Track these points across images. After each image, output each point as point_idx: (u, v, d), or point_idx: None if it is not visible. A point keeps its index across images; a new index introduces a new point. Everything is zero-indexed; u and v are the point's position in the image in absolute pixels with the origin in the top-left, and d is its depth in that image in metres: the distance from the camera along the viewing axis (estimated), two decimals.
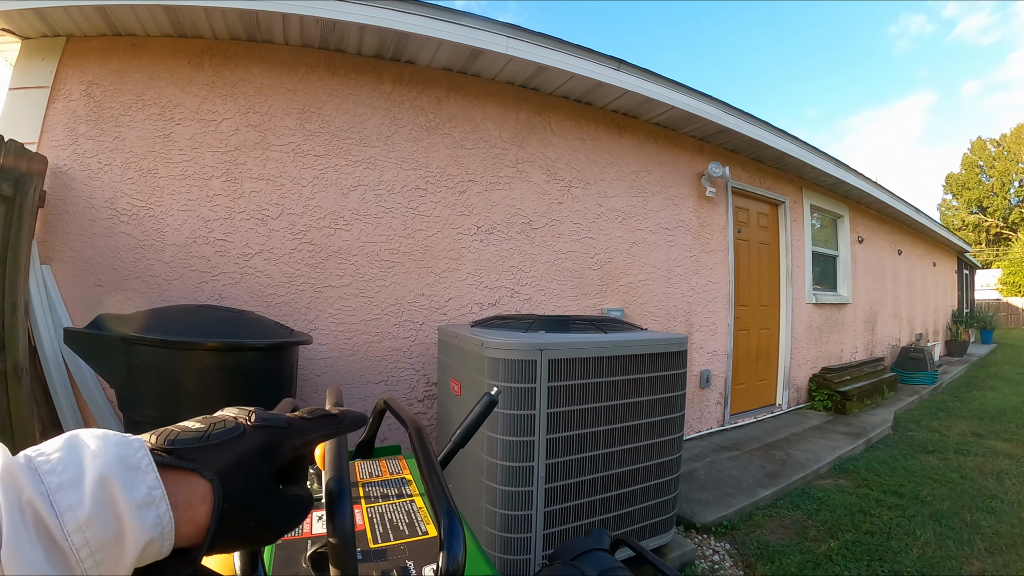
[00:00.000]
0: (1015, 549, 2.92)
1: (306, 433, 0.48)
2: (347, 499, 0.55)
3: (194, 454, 0.39)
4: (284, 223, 3.05)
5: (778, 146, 5.19)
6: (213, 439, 0.40)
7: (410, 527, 0.78)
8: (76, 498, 0.31)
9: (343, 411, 0.54)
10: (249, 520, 0.41)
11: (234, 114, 3.00)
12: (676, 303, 4.74)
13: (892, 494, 3.68)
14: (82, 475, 0.32)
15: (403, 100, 3.39)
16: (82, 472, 0.32)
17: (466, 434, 1.01)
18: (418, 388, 3.36)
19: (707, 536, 3.03)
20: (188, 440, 0.39)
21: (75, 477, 0.32)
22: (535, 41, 3.39)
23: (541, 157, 3.92)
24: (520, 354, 2.05)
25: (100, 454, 0.34)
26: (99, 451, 0.34)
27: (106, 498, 0.32)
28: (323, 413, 0.51)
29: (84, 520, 0.31)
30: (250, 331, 2.23)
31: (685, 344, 2.54)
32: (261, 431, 0.44)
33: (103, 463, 0.33)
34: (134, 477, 0.34)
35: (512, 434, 2.04)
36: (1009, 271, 30.27)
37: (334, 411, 0.53)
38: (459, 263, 3.53)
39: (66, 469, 0.32)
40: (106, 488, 0.32)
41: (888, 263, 8.97)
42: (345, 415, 0.53)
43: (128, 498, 0.33)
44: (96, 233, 2.77)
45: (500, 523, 2.06)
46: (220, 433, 0.41)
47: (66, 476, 0.32)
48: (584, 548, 1.07)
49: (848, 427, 5.30)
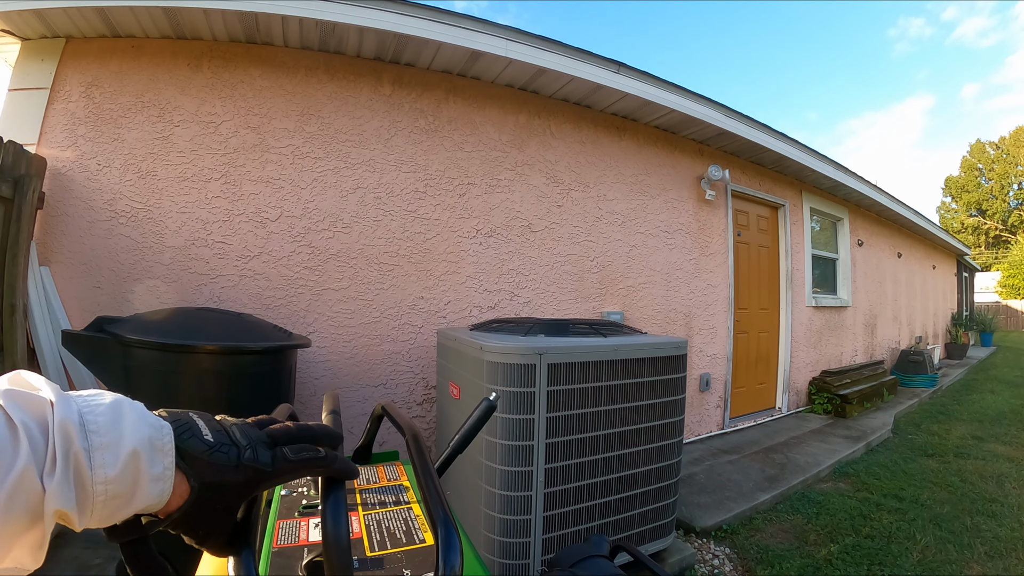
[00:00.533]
0: (1015, 553, 2.91)
1: (286, 475, 0.52)
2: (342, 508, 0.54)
3: (192, 459, 0.46)
4: (283, 225, 3.04)
5: (778, 149, 5.19)
6: (214, 459, 0.47)
7: (407, 535, 0.77)
8: (110, 460, 0.39)
9: (332, 456, 0.55)
10: (199, 527, 0.48)
11: (233, 116, 3.00)
12: (676, 306, 4.73)
13: (892, 498, 3.67)
14: (119, 442, 0.40)
15: (402, 103, 3.39)
16: (119, 440, 0.40)
17: (465, 440, 1.01)
18: (417, 391, 3.35)
19: (707, 540, 3.02)
20: (194, 446, 0.46)
21: (113, 442, 0.40)
22: (535, 44, 3.39)
23: (541, 160, 3.92)
24: (519, 358, 2.04)
25: (137, 430, 0.42)
26: (136, 426, 0.42)
27: (132, 466, 0.40)
28: (307, 456, 0.53)
29: (111, 478, 0.39)
30: (249, 334, 2.22)
31: (685, 348, 2.54)
32: (249, 469, 0.49)
33: (138, 439, 0.41)
34: (156, 456, 0.42)
35: (511, 438, 2.04)
36: (1008, 274, 30.28)
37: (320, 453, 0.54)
38: (458, 266, 3.52)
39: (108, 434, 0.40)
40: (135, 459, 0.40)
41: (888, 266, 8.97)
42: (335, 461, 0.55)
43: (148, 471, 0.41)
44: (95, 235, 2.76)
45: (499, 528, 2.05)
46: (220, 456, 0.47)
47: (107, 439, 0.40)
48: (583, 554, 1.07)
49: (848, 430, 5.29)
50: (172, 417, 0.47)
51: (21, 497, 0.35)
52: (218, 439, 0.48)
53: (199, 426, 0.48)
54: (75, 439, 0.38)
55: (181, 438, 0.45)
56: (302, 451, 0.53)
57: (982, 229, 42.88)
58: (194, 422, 0.48)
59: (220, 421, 0.52)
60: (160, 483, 0.42)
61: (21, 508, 0.35)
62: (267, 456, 0.50)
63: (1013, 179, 40.94)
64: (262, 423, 0.55)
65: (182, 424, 0.47)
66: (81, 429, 0.38)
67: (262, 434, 0.52)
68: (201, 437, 0.47)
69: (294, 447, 0.53)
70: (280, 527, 0.79)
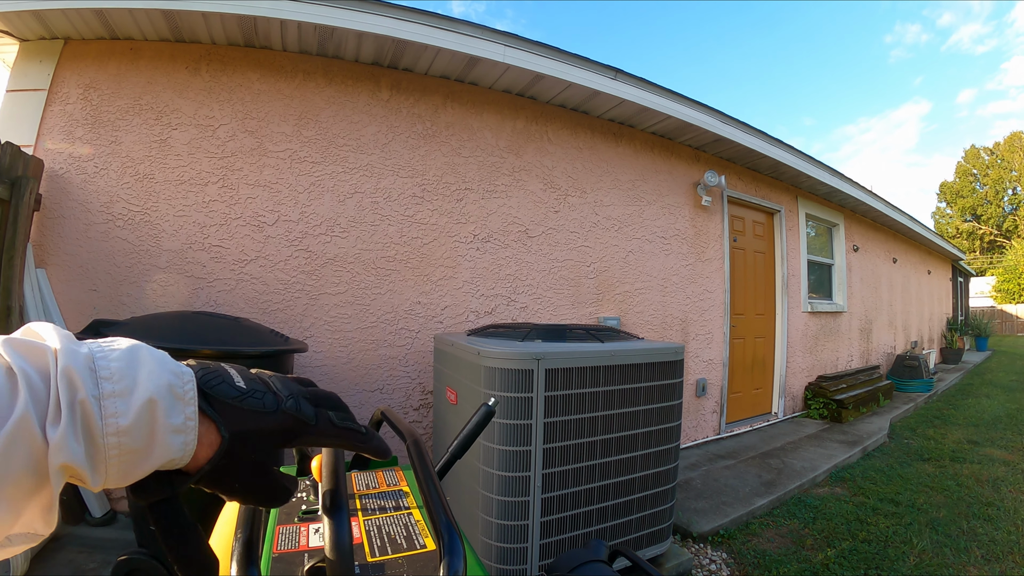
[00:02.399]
0: (1012, 556, 2.92)
1: (327, 437, 0.49)
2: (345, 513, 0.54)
3: (222, 406, 0.42)
4: (280, 230, 3.04)
5: (774, 155, 5.22)
6: (246, 404, 0.43)
7: (408, 540, 0.76)
8: (122, 408, 0.35)
9: (372, 433, 0.54)
10: (234, 482, 0.44)
11: (231, 120, 3.00)
12: (672, 312, 4.74)
13: (888, 502, 3.68)
14: (133, 389, 0.36)
15: (400, 108, 3.40)
16: (133, 387, 0.36)
17: (463, 445, 1.01)
18: (414, 396, 3.34)
19: (704, 545, 3.02)
20: (224, 392, 0.43)
21: (126, 389, 0.36)
22: (532, 50, 3.40)
23: (538, 166, 3.93)
24: (517, 363, 2.04)
25: (154, 376, 0.38)
26: (154, 373, 0.38)
27: (147, 416, 0.36)
28: (351, 426, 0.52)
29: (123, 428, 0.35)
30: (245, 338, 2.22)
31: (682, 353, 2.54)
32: (288, 417, 0.45)
33: (155, 386, 0.37)
34: (176, 405, 0.38)
35: (508, 444, 2.03)
36: (1003, 279, 30.46)
37: (362, 428, 0.53)
38: (455, 271, 3.52)
39: (121, 380, 0.36)
40: (151, 408, 0.37)
41: (883, 271, 9.01)
42: (372, 438, 0.53)
43: (166, 422, 0.37)
44: (92, 238, 2.76)
45: (496, 533, 2.04)
46: (254, 402, 0.44)
47: (119, 387, 0.36)
48: (582, 559, 1.07)
49: (844, 435, 5.30)
50: (200, 366, 0.44)
51: (21, 449, 0.31)
52: (252, 386, 0.45)
53: (231, 374, 0.45)
54: (81, 386, 0.34)
55: (208, 384, 0.42)
56: (346, 419, 0.51)
57: (977, 234, 43.17)
58: (225, 370, 0.45)
59: (257, 373, 0.49)
60: (181, 435, 0.38)
61: (22, 463, 0.31)
62: (310, 410, 0.47)
63: (1008, 184, 41.26)
64: (305, 382, 0.53)
65: (210, 371, 0.44)
66: (91, 375, 0.35)
67: (306, 391, 0.50)
68: (232, 383, 0.44)
69: (338, 414, 0.51)
70: (280, 532, 0.78)
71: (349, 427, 0.51)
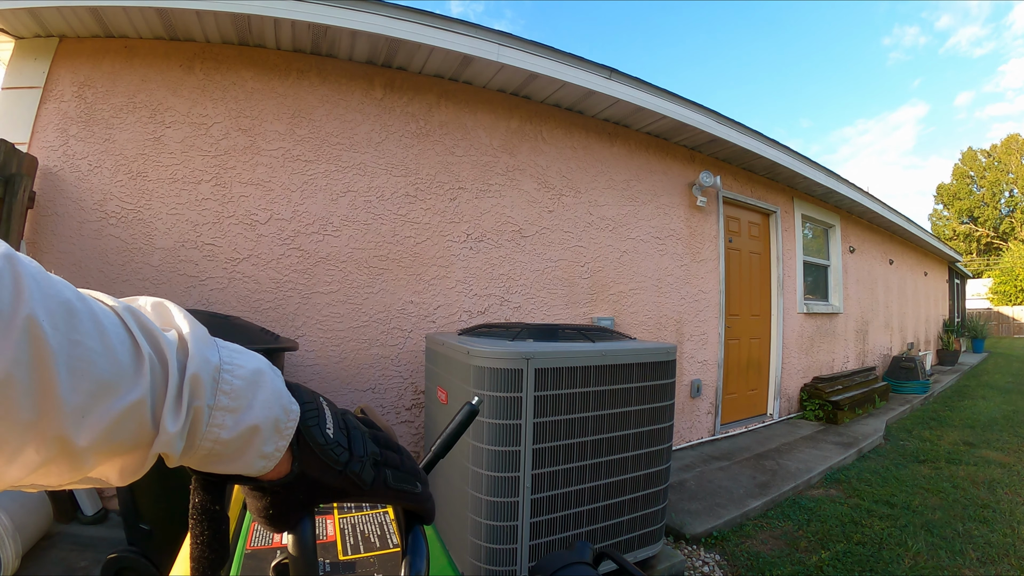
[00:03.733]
0: (1007, 559, 2.91)
1: (376, 498, 0.51)
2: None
3: (306, 448, 0.44)
4: (273, 228, 3.03)
5: (769, 156, 5.22)
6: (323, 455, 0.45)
7: (381, 539, 0.76)
8: (229, 423, 0.38)
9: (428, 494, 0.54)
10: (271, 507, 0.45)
11: (224, 118, 2.99)
12: (666, 312, 4.73)
13: (884, 504, 3.67)
14: (245, 411, 0.39)
15: (394, 106, 3.39)
16: (248, 410, 0.39)
17: (446, 444, 1.00)
18: (405, 396, 3.33)
19: (697, 547, 3.01)
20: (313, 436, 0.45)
21: (239, 408, 0.39)
22: (527, 49, 3.40)
23: (532, 165, 3.93)
24: (506, 363, 2.03)
25: (267, 407, 0.40)
26: (268, 403, 0.40)
27: (247, 438, 0.39)
28: (405, 488, 0.52)
29: (222, 440, 0.38)
30: (234, 337, 2.20)
31: (674, 354, 2.54)
32: (348, 480, 0.47)
33: (264, 416, 0.40)
34: (273, 437, 0.41)
35: (497, 444, 2.03)
36: (1000, 281, 30.51)
37: (416, 488, 0.53)
38: (448, 271, 3.52)
39: (237, 399, 0.39)
40: (252, 433, 0.39)
41: (879, 273, 9.02)
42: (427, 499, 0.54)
43: (259, 448, 0.40)
44: (85, 235, 2.75)
45: (485, 534, 2.04)
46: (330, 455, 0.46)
47: (234, 404, 0.38)
48: (566, 561, 1.06)
49: (839, 437, 5.29)
50: (304, 398, 0.46)
51: (130, 427, 0.33)
52: (336, 439, 0.47)
53: (326, 417, 0.47)
54: (202, 395, 0.37)
55: (305, 423, 0.44)
56: (402, 481, 0.52)
57: (973, 236, 43.27)
58: (323, 411, 0.47)
59: (344, 417, 0.51)
60: (266, 460, 0.41)
61: (127, 437, 0.33)
62: (370, 476, 0.49)
63: (1004, 187, 41.39)
64: (377, 439, 0.53)
65: (311, 410, 0.46)
66: (213, 385, 0.38)
67: (376, 451, 0.51)
68: (323, 430, 0.46)
69: (396, 473, 0.52)
70: (255, 529, 0.78)
71: (402, 490, 0.52)
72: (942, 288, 14.26)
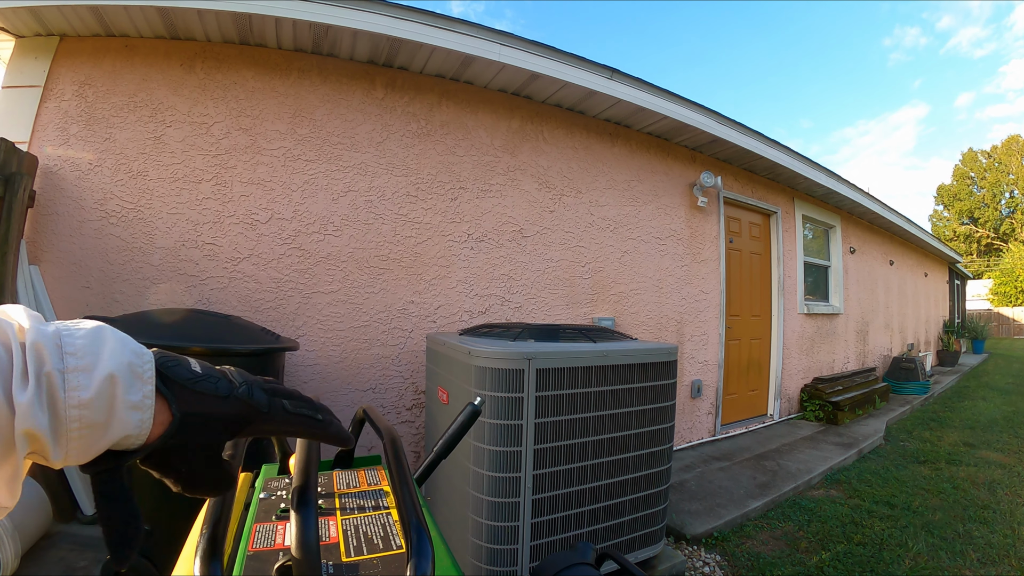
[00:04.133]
0: (1008, 559, 2.91)
1: (280, 424, 0.50)
2: (312, 511, 0.53)
3: (177, 387, 0.44)
4: (273, 228, 3.03)
5: (770, 156, 5.21)
6: (199, 387, 0.45)
7: (384, 541, 0.75)
8: (84, 382, 0.37)
9: (330, 420, 0.53)
10: (180, 465, 0.45)
11: (225, 117, 2.99)
12: (667, 313, 4.73)
13: (884, 505, 3.67)
14: (95, 365, 0.38)
15: (395, 106, 3.39)
16: (96, 363, 0.38)
17: (449, 444, 1.00)
18: (406, 396, 3.33)
19: (697, 548, 3.01)
20: (179, 373, 0.44)
21: (89, 365, 0.38)
22: (528, 49, 3.39)
23: (533, 165, 3.92)
24: (507, 363, 2.03)
25: (116, 354, 0.40)
26: (116, 351, 0.40)
27: (108, 391, 0.38)
28: (307, 412, 0.52)
29: (85, 401, 0.37)
30: (235, 336, 2.20)
31: (675, 354, 2.53)
32: (240, 402, 0.47)
33: (116, 363, 0.39)
34: (135, 383, 0.40)
35: (499, 444, 2.02)
36: (1000, 281, 30.54)
37: (318, 415, 0.52)
38: (449, 271, 3.51)
39: (84, 356, 0.38)
40: (111, 384, 0.38)
41: (880, 273, 9.01)
42: (328, 425, 0.53)
43: (125, 398, 0.39)
44: (85, 234, 2.75)
45: (486, 534, 2.03)
46: (207, 385, 0.45)
47: (82, 362, 0.38)
48: (568, 562, 1.05)
49: (840, 437, 5.29)
50: (160, 352, 0.45)
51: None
52: (207, 371, 0.47)
53: (189, 361, 0.47)
54: (48, 359, 0.36)
55: (165, 366, 0.44)
56: (301, 407, 0.51)
57: (974, 237, 43.29)
58: (185, 359, 0.47)
59: (220, 368, 0.50)
60: (139, 412, 0.40)
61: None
62: (263, 397, 0.48)
63: (1005, 188, 41.40)
64: (266, 378, 0.53)
65: (169, 356, 0.45)
66: (56, 350, 0.37)
67: (261, 381, 0.51)
68: (188, 367, 0.45)
69: (293, 402, 0.51)
70: (257, 530, 0.77)
71: (303, 413, 0.51)
72: (942, 289, 14.26)
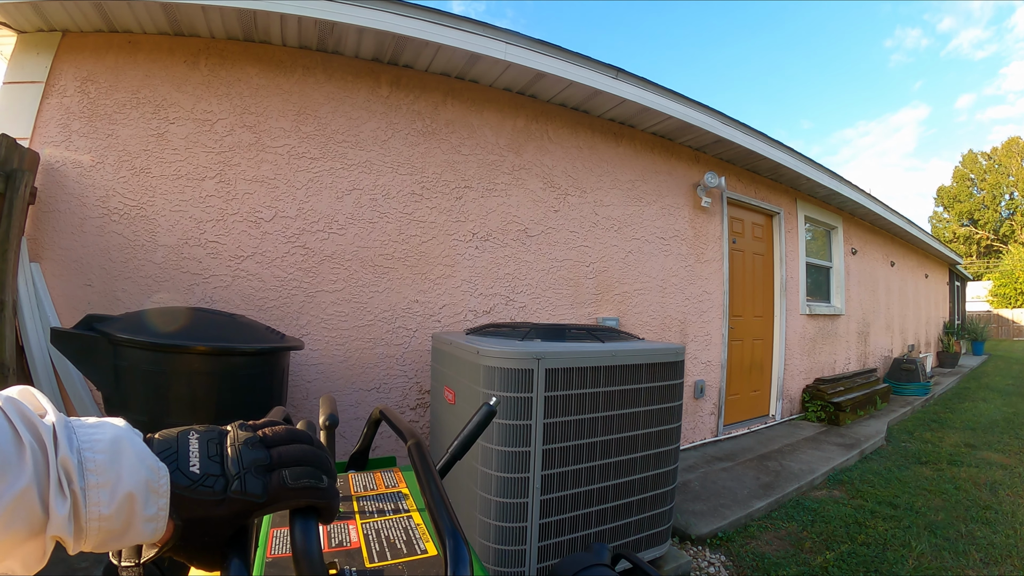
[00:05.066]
0: (1010, 560, 2.92)
1: (283, 503, 0.50)
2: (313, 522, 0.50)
3: (176, 497, 0.44)
4: (277, 226, 3.01)
5: (773, 157, 5.20)
6: (196, 495, 0.45)
7: (408, 545, 0.74)
8: (106, 499, 0.40)
9: (333, 490, 0.52)
10: (189, 557, 0.48)
11: (229, 114, 2.97)
12: (671, 313, 4.72)
13: (887, 505, 3.67)
14: (116, 484, 0.40)
15: (400, 104, 3.37)
16: (117, 481, 0.40)
17: (464, 445, 0.98)
18: (411, 396, 3.32)
19: (702, 548, 3.00)
20: (178, 482, 0.45)
21: (110, 482, 0.40)
22: (534, 48, 3.38)
23: (538, 164, 3.91)
24: (517, 363, 2.02)
25: (134, 472, 0.41)
26: (134, 468, 0.41)
27: (126, 507, 0.40)
28: (311, 485, 0.50)
29: (104, 516, 0.39)
30: (240, 335, 2.19)
31: (683, 354, 2.53)
32: (236, 501, 0.47)
33: (134, 482, 0.41)
34: (151, 498, 0.42)
35: (507, 444, 2.01)
36: (1000, 283, 30.61)
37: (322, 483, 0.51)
38: (454, 270, 3.50)
39: (105, 473, 0.40)
40: (129, 501, 0.41)
41: (881, 275, 9.02)
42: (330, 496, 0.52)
43: (141, 513, 0.41)
44: (87, 232, 2.72)
45: (494, 535, 2.02)
46: (204, 491, 0.46)
47: (103, 479, 0.40)
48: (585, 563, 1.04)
49: (842, 438, 5.29)
50: (163, 446, 0.46)
51: (22, 514, 0.36)
52: (204, 470, 0.46)
53: (188, 456, 0.47)
54: (75, 478, 0.39)
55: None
56: (303, 476, 0.50)
57: (974, 239, 43.37)
58: (184, 448, 0.47)
59: (221, 439, 0.50)
60: (153, 523, 0.42)
61: (22, 524, 0.36)
62: (258, 486, 0.47)
63: (1005, 189, 41.49)
64: (268, 440, 0.51)
65: (167, 455, 0.46)
66: (79, 468, 0.39)
67: (262, 456, 0.49)
68: (186, 470, 0.46)
69: (295, 470, 0.50)
70: (274, 536, 0.76)
71: (304, 486, 0.50)
72: (943, 290, 14.28)
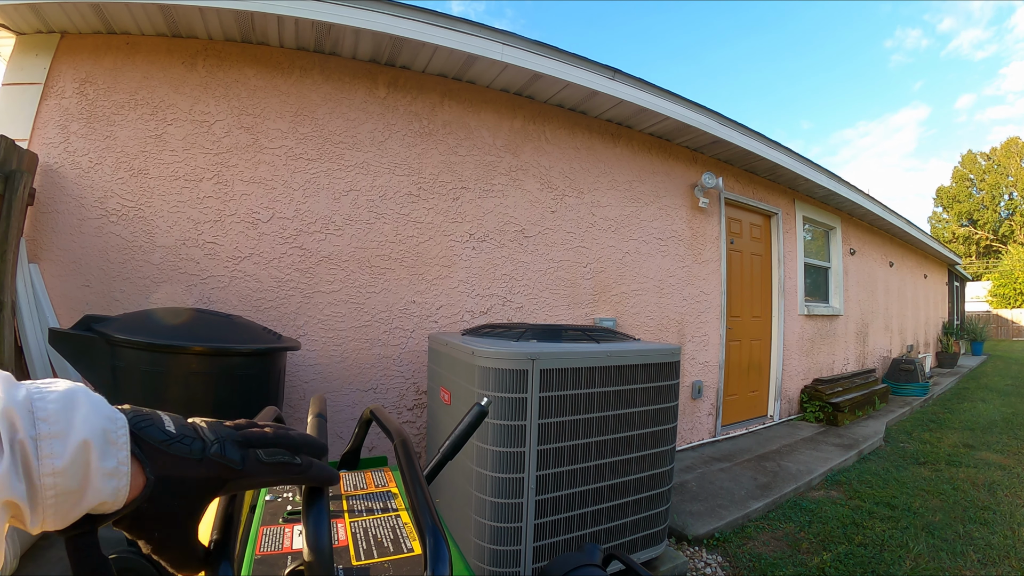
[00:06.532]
0: (1008, 560, 2.92)
1: (259, 476, 0.49)
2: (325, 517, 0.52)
3: (150, 449, 0.43)
4: (275, 227, 3.02)
5: (771, 157, 5.21)
6: (172, 449, 0.44)
7: (395, 544, 0.75)
8: (59, 450, 0.36)
9: (310, 462, 0.52)
10: (152, 530, 0.44)
11: (227, 116, 2.98)
12: (668, 314, 4.73)
13: (884, 506, 3.67)
14: (69, 432, 0.37)
15: (397, 105, 3.38)
16: (69, 429, 0.37)
17: (455, 445, 0.99)
18: (407, 396, 3.32)
19: (699, 548, 3.01)
20: (152, 435, 0.43)
21: (62, 431, 0.37)
22: (531, 48, 3.39)
23: (535, 165, 3.92)
24: (511, 363, 2.03)
25: (90, 420, 0.39)
26: (89, 417, 0.39)
27: (82, 459, 0.37)
28: (283, 460, 0.50)
29: (59, 469, 0.36)
30: (237, 336, 2.19)
31: (679, 355, 2.53)
32: (214, 464, 0.46)
33: (89, 429, 0.38)
34: (109, 449, 0.39)
35: (502, 445, 2.02)
36: (999, 283, 30.61)
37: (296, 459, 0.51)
38: (451, 270, 3.51)
39: (57, 422, 0.37)
40: (85, 451, 0.38)
41: (880, 275, 9.02)
42: (309, 468, 0.52)
43: (99, 465, 0.38)
44: (85, 233, 2.73)
45: (489, 535, 2.03)
46: (181, 448, 0.44)
47: (56, 428, 0.37)
48: (576, 563, 1.05)
49: (840, 439, 5.29)
50: (133, 411, 0.44)
51: None
52: (181, 431, 0.45)
53: (162, 419, 0.46)
54: (20, 426, 0.35)
55: (138, 427, 0.43)
56: (276, 455, 0.50)
57: (973, 239, 43.35)
58: (158, 415, 0.46)
59: (192, 421, 0.49)
60: (114, 479, 0.39)
61: None
62: (236, 454, 0.47)
63: (1004, 190, 41.48)
64: (240, 426, 0.52)
65: (142, 416, 0.44)
66: (28, 416, 0.36)
67: (235, 434, 0.49)
68: (161, 427, 0.44)
69: (269, 451, 0.50)
70: (264, 533, 0.77)
71: (279, 462, 0.50)
72: (942, 291, 14.27)
